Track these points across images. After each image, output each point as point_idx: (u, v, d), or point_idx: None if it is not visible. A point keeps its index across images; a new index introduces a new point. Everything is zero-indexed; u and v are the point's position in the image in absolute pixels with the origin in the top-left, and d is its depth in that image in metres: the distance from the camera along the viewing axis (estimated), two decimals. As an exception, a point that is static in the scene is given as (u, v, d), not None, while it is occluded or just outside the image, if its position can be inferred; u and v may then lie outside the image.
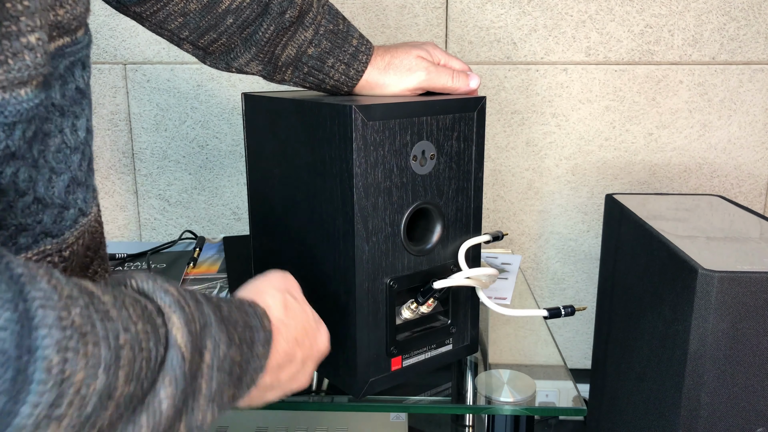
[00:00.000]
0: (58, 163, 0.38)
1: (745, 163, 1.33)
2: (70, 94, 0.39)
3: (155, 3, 0.62)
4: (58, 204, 0.38)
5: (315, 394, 0.75)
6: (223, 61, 0.69)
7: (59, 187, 0.38)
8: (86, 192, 0.41)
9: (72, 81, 0.39)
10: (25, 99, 0.33)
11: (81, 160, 0.40)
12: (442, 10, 1.28)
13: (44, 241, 0.37)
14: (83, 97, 0.40)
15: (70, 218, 0.39)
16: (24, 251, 0.36)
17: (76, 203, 0.40)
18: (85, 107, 0.41)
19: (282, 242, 0.76)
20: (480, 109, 0.70)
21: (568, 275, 1.41)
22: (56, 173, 0.38)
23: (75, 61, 0.39)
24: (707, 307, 0.80)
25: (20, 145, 0.34)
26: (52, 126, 0.38)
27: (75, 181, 0.39)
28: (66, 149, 0.38)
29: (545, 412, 1.19)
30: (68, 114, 0.39)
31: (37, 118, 0.35)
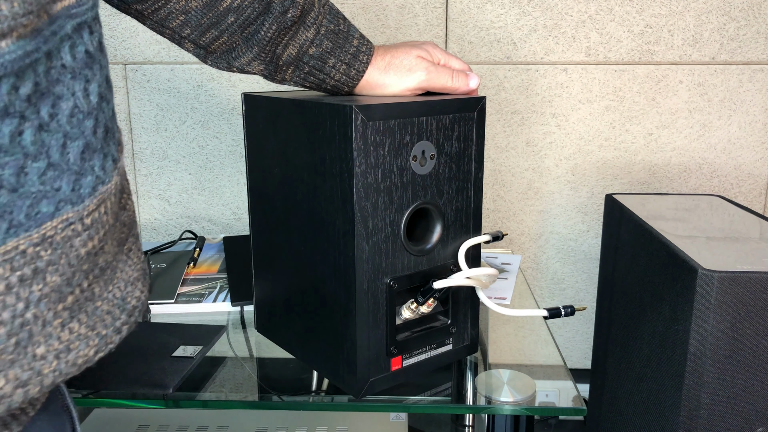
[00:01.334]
0: (72, 127, 0.38)
1: (745, 163, 1.33)
2: (80, 57, 0.39)
3: (157, 1, 0.63)
4: (75, 170, 0.38)
5: (315, 394, 0.75)
6: (225, 61, 0.69)
7: (74, 152, 0.38)
8: (104, 160, 0.41)
9: (81, 44, 0.39)
10: (6, 51, 0.32)
11: (95, 126, 0.40)
12: (442, 10, 1.28)
13: (65, 208, 0.37)
14: (93, 61, 0.40)
15: (88, 185, 0.39)
16: (48, 219, 0.36)
17: (93, 170, 0.39)
18: (96, 72, 0.40)
19: (282, 242, 0.76)
20: (480, 109, 0.70)
21: (568, 275, 1.41)
22: (70, 138, 0.38)
23: (81, 23, 0.39)
24: (707, 307, 0.80)
25: (13, 101, 0.33)
26: (63, 88, 0.37)
27: (89, 147, 0.39)
28: (79, 114, 0.38)
29: (545, 412, 1.19)
30: (79, 77, 0.38)
31: (32, 73, 0.35)
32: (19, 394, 0.36)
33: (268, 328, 0.83)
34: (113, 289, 0.43)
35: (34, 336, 0.36)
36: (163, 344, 0.83)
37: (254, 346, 0.86)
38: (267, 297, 0.82)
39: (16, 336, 0.35)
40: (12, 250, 0.34)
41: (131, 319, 0.45)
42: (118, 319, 0.43)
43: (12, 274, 0.34)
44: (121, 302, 0.44)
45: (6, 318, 0.34)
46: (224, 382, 0.77)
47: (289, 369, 0.80)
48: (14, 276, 0.35)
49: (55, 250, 0.36)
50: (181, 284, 1.04)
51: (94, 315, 0.41)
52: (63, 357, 0.38)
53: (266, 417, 1.10)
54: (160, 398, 0.74)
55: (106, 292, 0.43)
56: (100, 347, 0.41)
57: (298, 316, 0.76)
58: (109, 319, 0.43)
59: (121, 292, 0.44)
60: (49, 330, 0.37)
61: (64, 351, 0.38)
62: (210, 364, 0.81)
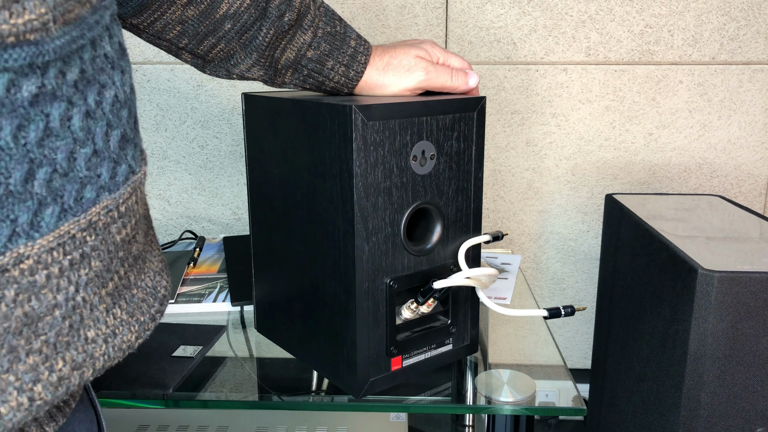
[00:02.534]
0: (113, 116, 0.39)
1: (745, 163, 1.33)
2: (116, 48, 0.40)
3: (152, 13, 0.62)
4: (113, 158, 0.39)
5: (315, 394, 0.75)
6: (224, 68, 0.69)
7: (114, 140, 0.39)
8: (134, 150, 0.42)
9: (115, 35, 0.40)
10: (56, 35, 0.34)
11: (129, 115, 0.41)
12: (442, 10, 1.28)
13: (103, 195, 0.38)
14: (124, 53, 0.42)
15: (122, 174, 0.40)
16: (92, 205, 0.37)
17: (127, 159, 0.40)
18: (127, 63, 0.42)
19: (282, 242, 0.76)
20: (480, 109, 0.70)
21: (568, 275, 1.41)
22: (111, 126, 0.39)
23: (113, 14, 0.40)
24: (707, 307, 0.80)
25: (60, 85, 0.34)
26: (106, 77, 0.38)
27: (125, 136, 0.40)
28: (118, 103, 0.39)
29: (545, 412, 1.19)
30: (117, 67, 0.40)
31: (78, 60, 0.36)
32: (76, 376, 0.37)
33: (268, 328, 0.83)
34: (145, 278, 0.45)
35: (84, 319, 0.38)
36: (163, 344, 0.83)
37: (254, 346, 0.87)
38: (267, 297, 0.82)
39: (69, 318, 0.37)
40: (65, 234, 0.35)
41: (163, 308, 0.46)
42: (152, 306, 0.45)
43: (64, 257, 0.36)
44: (153, 291, 0.45)
45: (60, 300, 0.36)
46: (224, 382, 0.77)
47: (289, 369, 0.80)
48: (66, 260, 0.36)
49: (98, 235, 0.38)
50: (181, 284, 1.04)
51: (131, 302, 0.43)
52: (110, 341, 0.40)
53: (266, 417, 1.10)
54: (160, 398, 0.74)
55: (140, 280, 0.44)
56: (140, 333, 0.43)
57: (298, 316, 0.76)
58: (145, 306, 0.44)
59: (152, 281, 0.46)
60: (96, 314, 0.39)
61: (111, 335, 0.40)
62: (210, 364, 0.81)
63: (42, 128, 0.34)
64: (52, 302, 0.35)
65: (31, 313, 0.34)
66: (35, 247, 0.34)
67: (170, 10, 0.62)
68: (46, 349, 0.35)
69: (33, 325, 0.35)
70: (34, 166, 0.34)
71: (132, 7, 0.61)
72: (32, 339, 0.35)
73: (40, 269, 0.34)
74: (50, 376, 0.36)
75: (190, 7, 0.62)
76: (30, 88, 0.33)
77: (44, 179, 0.34)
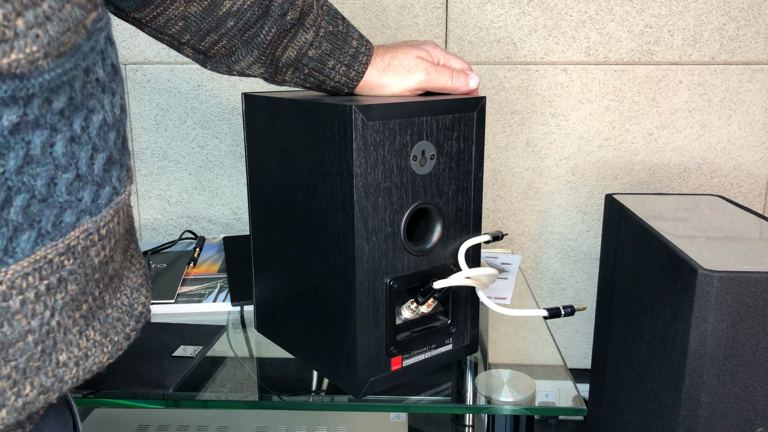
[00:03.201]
0: (100, 140, 0.38)
1: (744, 163, 1.33)
2: (108, 70, 0.40)
3: (155, 8, 0.62)
4: (97, 181, 0.39)
5: (315, 394, 0.75)
6: (224, 65, 0.68)
7: (99, 164, 0.39)
8: (120, 170, 0.41)
9: (108, 57, 0.40)
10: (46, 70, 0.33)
11: (116, 137, 0.41)
12: (442, 10, 1.28)
13: (84, 218, 0.38)
14: (116, 73, 0.41)
15: (105, 196, 0.40)
16: (71, 229, 0.37)
17: (111, 181, 0.40)
18: (119, 84, 0.41)
19: (282, 242, 0.76)
20: (480, 109, 0.70)
21: (568, 275, 1.41)
22: (97, 150, 0.38)
23: (107, 36, 0.40)
24: (707, 307, 0.80)
25: (44, 114, 0.34)
26: (96, 102, 0.38)
27: (111, 159, 0.40)
28: (105, 126, 0.39)
29: (545, 412, 1.19)
30: (108, 90, 0.39)
31: (68, 88, 0.35)
32: (41, 400, 0.37)
33: (268, 328, 0.83)
34: (121, 296, 0.44)
35: (57, 343, 0.37)
36: (163, 344, 0.83)
37: (254, 346, 0.87)
38: (267, 297, 0.82)
39: (42, 343, 0.36)
40: (41, 259, 0.35)
41: (138, 325, 0.46)
42: (127, 325, 0.44)
43: (41, 282, 0.35)
44: (129, 309, 0.45)
45: (35, 326, 0.35)
46: (224, 382, 0.77)
47: (289, 369, 0.80)
48: (42, 284, 0.35)
49: (76, 259, 0.37)
50: (181, 284, 1.04)
51: (106, 322, 0.42)
52: (82, 363, 0.39)
53: (266, 417, 1.10)
54: (160, 398, 0.74)
55: (115, 299, 0.44)
56: (112, 353, 0.42)
57: (298, 316, 0.76)
58: (120, 325, 0.43)
59: (128, 298, 0.45)
60: (70, 337, 0.38)
61: (83, 358, 0.39)
62: (210, 364, 0.81)
63: (22, 156, 0.33)
64: (25, 328, 0.35)
65: (2, 339, 0.34)
66: (8, 273, 0.33)
67: (173, 5, 0.62)
68: (15, 375, 0.35)
69: (3, 351, 0.34)
70: (12, 193, 0.33)
71: (135, 2, 0.61)
72: (1, 365, 0.34)
73: (14, 295, 0.34)
74: (16, 401, 0.35)
75: (193, 4, 0.62)
76: (11, 118, 0.32)
77: (21, 206, 0.34)
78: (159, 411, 1.11)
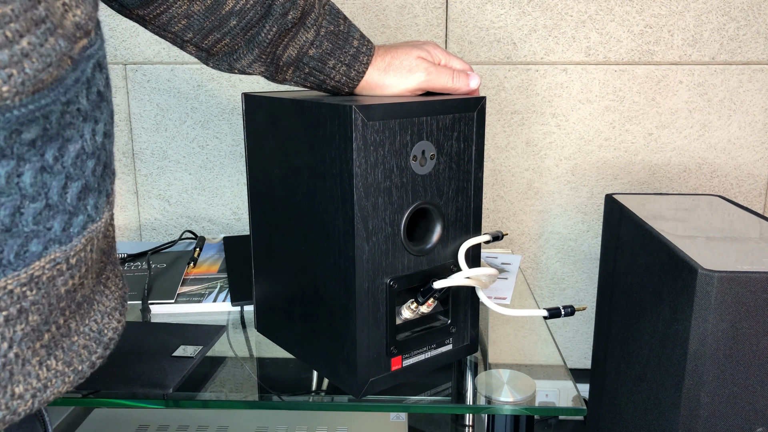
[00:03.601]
0: (75, 169, 0.37)
1: (744, 163, 1.33)
2: (93, 98, 0.38)
3: (158, 6, 0.62)
4: (69, 210, 0.37)
5: (315, 394, 0.75)
6: (226, 63, 0.69)
7: (72, 193, 0.37)
8: (98, 198, 0.40)
9: (95, 84, 0.38)
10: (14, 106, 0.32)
11: (95, 165, 0.39)
12: (442, 10, 1.28)
13: (52, 248, 0.36)
14: (102, 100, 0.40)
15: (78, 225, 0.38)
16: (36, 259, 0.35)
17: (86, 209, 0.39)
18: (104, 110, 0.40)
19: (282, 242, 0.76)
20: (480, 109, 0.70)
21: (568, 275, 1.41)
22: (72, 179, 0.37)
23: (95, 64, 0.38)
24: (707, 306, 0.80)
25: (10, 145, 0.32)
26: (74, 132, 0.37)
27: (87, 187, 0.38)
28: (83, 155, 0.38)
29: (545, 412, 1.19)
30: (89, 119, 0.38)
31: (43, 121, 0.34)
32: None
33: (268, 328, 0.83)
34: (89, 322, 0.43)
35: (14, 375, 0.36)
36: (163, 344, 0.83)
37: (254, 346, 0.87)
38: (267, 297, 0.82)
39: None
40: (0, 290, 0.34)
41: (106, 352, 0.44)
42: (94, 353, 0.43)
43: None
44: (97, 335, 0.43)
45: None
46: (224, 382, 0.77)
47: (289, 369, 0.80)
48: (0, 316, 0.34)
49: (39, 289, 0.36)
50: (181, 284, 1.04)
51: (70, 351, 0.40)
52: (39, 395, 0.38)
53: (266, 417, 1.10)
54: (160, 398, 0.74)
55: (83, 326, 0.42)
56: (74, 382, 0.41)
57: (298, 316, 0.76)
58: (86, 353, 0.42)
59: (98, 324, 0.44)
60: (28, 369, 0.37)
61: (41, 389, 0.38)
62: (210, 364, 0.81)
63: None
64: None
65: None
66: None
67: (176, 3, 0.62)
68: None
69: None
70: None
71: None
72: None
73: None
74: None
75: (196, 2, 0.63)
76: None
77: None
78: (159, 411, 1.11)
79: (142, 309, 0.96)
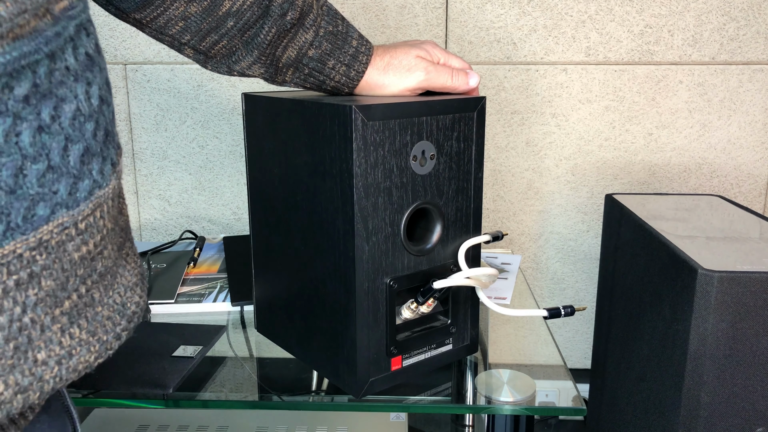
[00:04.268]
0: (74, 130, 0.37)
1: (744, 163, 1.33)
2: (81, 59, 0.38)
3: (155, 9, 0.62)
4: (74, 174, 0.37)
5: (315, 394, 0.75)
6: (225, 65, 0.68)
7: (74, 155, 0.37)
8: (102, 164, 0.40)
9: (82, 45, 0.39)
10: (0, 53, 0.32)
11: (95, 129, 0.39)
12: (442, 10, 1.28)
13: (60, 212, 0.37)
14: (93, 63, 0.40)
15: (84, 189, 0.38)
16: (44, 223, 0.36)
17: (91, 174, 0.39)
18: (96, 74, 0.40)
19: (282, 242, 0.76)
20: (480, 109, 0.70)
21: (568, 275, 1.41)
22: (72, 141, 0.37)
23: (80, 25, 0.39)
24: (707, 307, 0.80)
25: (5, 101, 0.33)
26: (66, 91, 0.37)
27: (89, 150, 0.39)
28: (81, 116, 0.38)
29: (545, 412, 1.19)
30: (81, 79, 0.38)
31: (31, 74, 0.34)
32: (19, 399, 0.36)
33: (268, 328, 0.83)
34: (113, 294, 0.43)
35: (33, 341, 0.36)
36: (163, 344, 0.83)
37: (254, 346, 0.87)
38: (267, 297, 0.82)
39: (14, 341, 0.35)
40: (9, 254, 0.34)
41: (131, 325, 0.44)
42: (118, 324, 0.43)
43: (9, 278, 0.34)
44: (121, 308, 0.44)
45: (3, 322, 0.34)
46: (224, 382, 0.77)
47: (289, 369, 0.80)
48: (11, 280, 0.34)
49: (49, 254, 0.36)
50: (181, 284, 1.04)
51: (94, 321, 0.41)
52: (65, 362, 0.38)
53: (266, 417, 1.10)
54: (160, 398, 0.74)
55: (107, 297, 0.42)
56: (101, 353, 0.41)
57: (298, 316, 0.76)
58: (110, 324, 0.42)
59: (121, 297, 0.44)
60: (49, 335, 0.37)
61: (66, 356, 0.38)
62: (210, 364, 0.81)
63: None
64: None
65: None
66: None
67: (173, 6, 0.62)
68: None
69: None
70: None
71: (135, 2, 0.61)
72: None
73: None
74: None
75: (193, 4, 0.62)
76: None
77: None
78: (159, 411, 1.11)
79: (142, 309, 0.96)
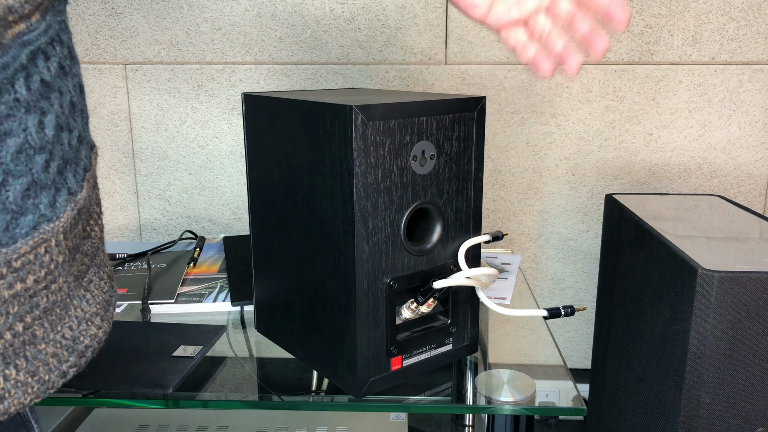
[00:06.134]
0: (17, 165, 0.35)
1: (744, 163, 1.33)
2: (35, 88, 0.36)
3: None
4: (12, 210, 0.35)
5: (315, 394, 0.75)
6: None
7: (15, 191, 0.35)
8: (54, 195, 0.37)
9: (36, 73, 0.36)
10: None
11: (48, 160, 0.37)
12: (442, 10, 1.28)
13: None
14: (50, 90, 0.37)
15: (26, 225, 0.36)
16: None
17: (37, 209, 0.36)
18: (53, 102, 0.37)
19: (282, 242, 0.76)
20: (480, 109, 0.70)
21: (568, 275, 1.41)
22: (13, 176, 0.35)
23: (35, 51, 0.36)
24: (707, 307, 0.80)
25: None
26: (14, 124, 0.35)
27: (36, 184, 0.36)
28: (29, 150, 0.35)
29: (545, 412, 1.19)
30: (34, 110, 0.36)
31: None
32: None
33: (268, 328, 0.83)
34: (62, 329, 0.40)
35: None
36: (163, 344, 0.83)
37: (254, 346, 0.87)
38: (267, 297, 0.82)
39: None
40: None
41: (81, 361, 0.41)
42: (65, 362, 0.40)
43: None
44: (71, 343, 0.41)
45: None
46: (224, 382, 0.77)
47: (289, 369, 0.80)
48: None
49: None
50: (181, 284, 1.04)
51: (36, 359, 0.38)
52: None
53: (266, 417, 1.10)
54: (160, 398, 0.74)
55: (53, 333, 0.39)
56: (39, 393, 0.38)
57: (298, 316, 0.76)
58: (55, 362, 0.39)
59: (73, 331, 0.41)
60: None
61: None
62: (210, 364, 0.81)
63: None
64: None
65: None
66: None
67: None
68: None
69: None
70: None
71: None
72: None
73: None
74: None
75: None
76: None
77: None
78: (159, 411, 1.11)
79: (142, 309, 0.96)
